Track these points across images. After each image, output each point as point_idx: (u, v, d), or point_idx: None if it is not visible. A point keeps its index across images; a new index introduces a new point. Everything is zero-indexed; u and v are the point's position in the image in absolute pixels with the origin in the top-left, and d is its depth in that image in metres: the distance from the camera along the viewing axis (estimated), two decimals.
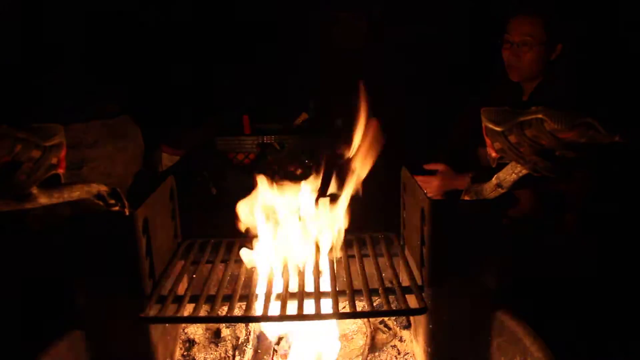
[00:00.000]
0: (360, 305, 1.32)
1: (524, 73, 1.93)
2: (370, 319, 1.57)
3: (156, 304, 1.27)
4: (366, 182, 1.53)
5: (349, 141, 1.50)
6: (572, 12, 1.99)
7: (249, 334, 1.53)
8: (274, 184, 1.47)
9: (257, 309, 1.26)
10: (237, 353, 1.50)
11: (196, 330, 1.60)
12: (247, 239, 1.62)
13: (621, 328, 1.34)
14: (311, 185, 1.48)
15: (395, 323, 1.61)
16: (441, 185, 2.00)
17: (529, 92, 2.00)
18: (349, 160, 1.48)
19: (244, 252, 1.47)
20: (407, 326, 1.60)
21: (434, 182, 2.01)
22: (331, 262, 1.44)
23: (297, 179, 1.49)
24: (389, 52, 3.01)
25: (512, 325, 1.27)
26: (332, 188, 1.51)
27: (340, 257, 1.47)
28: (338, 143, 1.58)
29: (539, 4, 1.91)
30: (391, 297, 1.28)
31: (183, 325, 1.59)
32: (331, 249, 1.47)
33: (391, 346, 1.57)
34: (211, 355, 1.52)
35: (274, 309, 1.25)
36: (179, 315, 1.24)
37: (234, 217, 1.47)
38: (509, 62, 1.94)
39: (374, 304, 1.28)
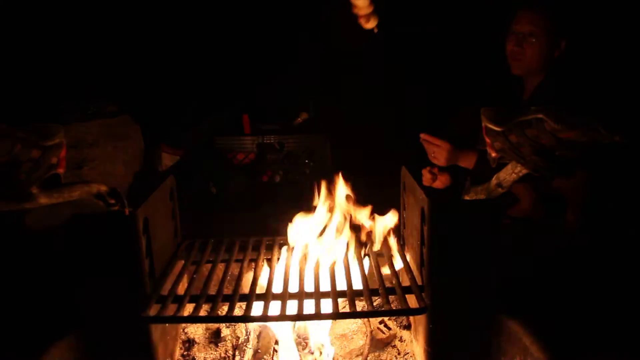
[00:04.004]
0: (360, 305, 1.32)
1: (526, 66, 1.92)
2: (370, 319, 1.57)
3: (156, 303, 1.27)
4: (366, 182, 1.54)
5: None
6: (577, 8, 1.98)
7: (249, 334, 1.53)
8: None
9: (257, 309, 1.26)
10: (237, 353, 1.50)
11: (196, 330, 1.60)
12: (247, 239, 1.62)
13: (621, 327, 1.34)
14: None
15: (395, 323, 1.61)
16: (448, 158, 1.99)
17: (530, 90, 1.99)
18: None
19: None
20: (407, 326, 1.60)
21: (443, 153, 1.99)
22: (332, 263, 1.44)
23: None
24: (389, 51, 3.00)
25: (512, 325, 1.27)
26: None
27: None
28: None
29: None
30: (391, 297, 1.28)
31: (183, 325, 1.59)
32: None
33: (391, 346, 1.57)
34: (211, 355, 1.52)
35: (274, 309, 1.25)
36: (179, 315, 1.24)
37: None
38: (513, 54, 1.93)
39: (374, 304, 1.28)
